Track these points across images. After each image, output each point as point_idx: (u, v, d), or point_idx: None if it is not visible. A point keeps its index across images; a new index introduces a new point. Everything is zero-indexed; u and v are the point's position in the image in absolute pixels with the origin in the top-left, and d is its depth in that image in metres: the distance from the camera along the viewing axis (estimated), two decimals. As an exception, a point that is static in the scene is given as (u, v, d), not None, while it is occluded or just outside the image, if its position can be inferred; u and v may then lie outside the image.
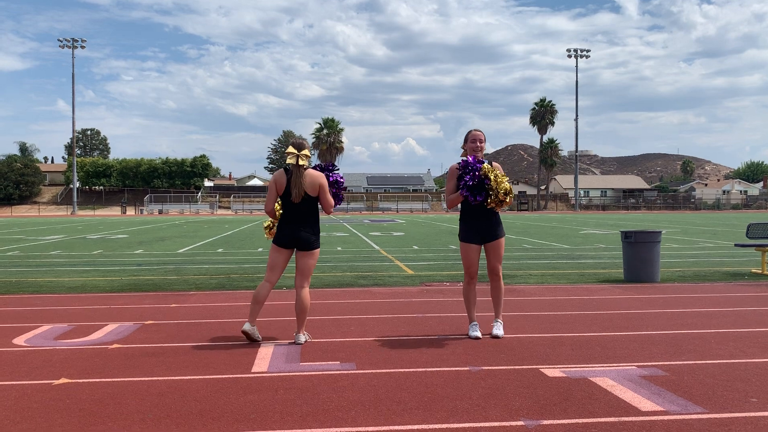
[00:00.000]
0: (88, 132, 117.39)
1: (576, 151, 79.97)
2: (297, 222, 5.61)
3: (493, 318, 6.08)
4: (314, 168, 5.96)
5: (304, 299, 5.65)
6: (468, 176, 5.61)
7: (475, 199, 5.62)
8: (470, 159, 5.70)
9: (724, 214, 55.69)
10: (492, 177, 5.60)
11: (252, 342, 5.64)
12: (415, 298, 8.30)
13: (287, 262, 5.74)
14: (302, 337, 5.66)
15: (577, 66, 76.70)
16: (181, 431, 3.53)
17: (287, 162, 5.64)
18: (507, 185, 5.64)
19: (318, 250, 5.74)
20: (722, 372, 4.65)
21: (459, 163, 5.79)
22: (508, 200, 5.64)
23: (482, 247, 5.91)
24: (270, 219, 6.10)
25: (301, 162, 5.60)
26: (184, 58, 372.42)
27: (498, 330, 5.87)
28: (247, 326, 5.61)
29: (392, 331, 6.12)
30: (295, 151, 5.62)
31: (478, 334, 5.82)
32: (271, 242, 5.76)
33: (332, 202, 5.83)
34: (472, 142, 5.82)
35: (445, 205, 75.93)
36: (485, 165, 5.65)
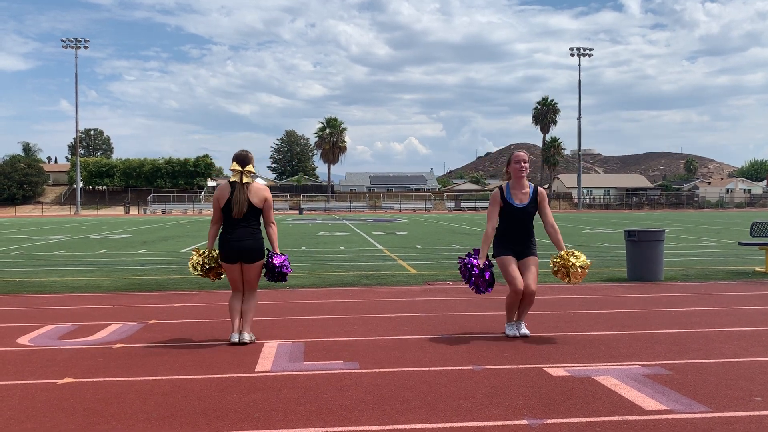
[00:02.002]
0: (92, 132, 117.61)
1: (579, 150, 79.81)
2: (239, 233, 5.52)
3: (516, 318, 5.94)
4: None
5: (251, 302, 5.64)
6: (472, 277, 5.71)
7: (486, 290, 5.75)
8: (471, 261, 5.75)
9: (728, 213, 55.56)
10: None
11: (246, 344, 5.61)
12: (418, 297, 8.30)
13: (241, 274, 5.65)
14: (247, 336, 5.60)
15: (579, 65, 76.54)
16: (185, 430, 3.54)
17: (231, 180, 5.55)
18: (579, 261, 5.72)
19: (262, 261, 5.66)
20: (726, 371, 4.64)
21: (500, 188, 5.84)
22: (580, 272, 5.73)
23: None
24: (196, 254, 5.87)
25: (245, 179, 5.52)
26: (186, 58, 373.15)
27: (524, 330, 5.83)
28: (234, 337, 5.57)
29: (395, 331, 6.12)
30: (239, 168, 5.54)
31: (516, 332, 5.80)
32: (220, 260, 5.65)
33: (273, 220, 5.74)
34: (515, 163, 5.74)
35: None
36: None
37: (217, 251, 5.77)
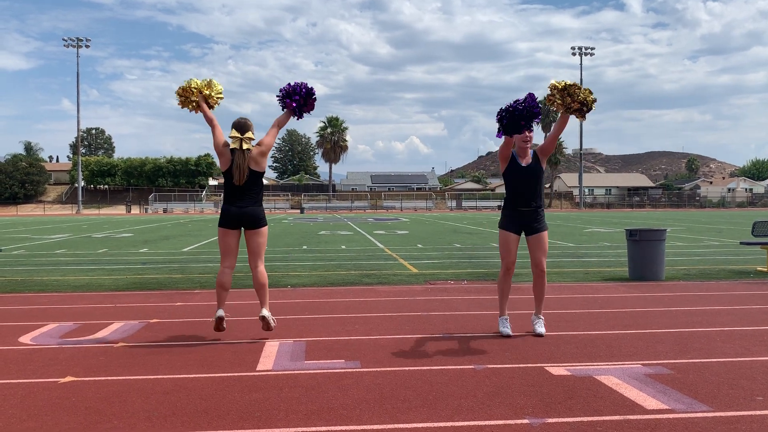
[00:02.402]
0: (93, 131, 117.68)
1: (581, 149, 79.78)
2: (241, 201, 5.50)
3: (533, 314, 5.98)
4: (281, 95, 5.74)
5: (261, 276, 5.60)
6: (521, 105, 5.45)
7: (527, 125, 5.48)
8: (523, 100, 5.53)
9: (729, 212, 55.51)
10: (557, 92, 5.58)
11: (220, 330, 5.62)
12: (419, 296, 8.30)
13: (238, 244, 5.65)
14: (266, 312, 5.59)
15: (581, 64, 76.48)
16: (187, 429, 3.54)
17: (230, 147, 5.49)
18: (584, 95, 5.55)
19: (266, 227, 5.63)
20: (728, 370, 4.63)
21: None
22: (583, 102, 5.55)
23: (520, 239, 5.85)
24: (190, 84, 5.81)
25: (245, 146, 5.46)
26: (187, 57, 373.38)
27: (540, 328, 5.82)
28: (220, 312, 5.57)
29: (397, 330, 6.12)
30: (239, 135, 5.48)
31: (509, 331, 5.78)
32: (218, 226, 5.63)
33: (283, 121, 5.72)
34: (521, 139, 5.79)
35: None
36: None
37: (219, 86, 5.75)
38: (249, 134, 5.52)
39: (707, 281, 9.66)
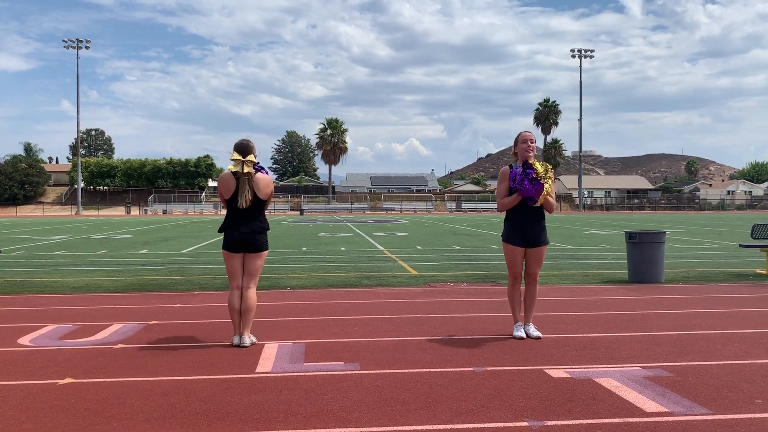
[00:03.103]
0: (93, 132, 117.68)
1: (580, 151, 79.81)
2: (244, 226, 5.49)
3: (524, 321, 5.96)
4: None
5: (251, 299, 5.56)
6: (525, 180, 5.58)
7: (533, 200, 5.62)
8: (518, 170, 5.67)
9: (729, 215, 55.54)
10: (542, 172, 5.59)
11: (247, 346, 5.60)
12: (418, 298, 8.30)
13: (243, 264, 5.65)
14: (247, 340, 5.54)
15: (581, 66, 76.56)
16: (186, 431, 3.54)
17: (232, 170, 5.47)
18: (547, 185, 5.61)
19: (266, 251, 5.66)
20: (727, 373, 4.63)
21: (510, 167, 5.78)
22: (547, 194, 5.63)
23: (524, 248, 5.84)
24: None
25: (246, 169, 5.44)
26: (187, 59, 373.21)
27: (535, 332, 5.82)
28: (235, 339, 5.56)
29: (396, 332, 6.12)
30: (240, 157, 5.46)
31: (522, 334, 5.80)
32: (222, 249, 5.64)
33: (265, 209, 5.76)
34: (522, 143, 5.75)
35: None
36: (537, 163, 5.63)
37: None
38: (251, 157, 5.48)
39: (706, 284, 9.67)
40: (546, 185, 5.59)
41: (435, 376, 4.59)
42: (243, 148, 5.50)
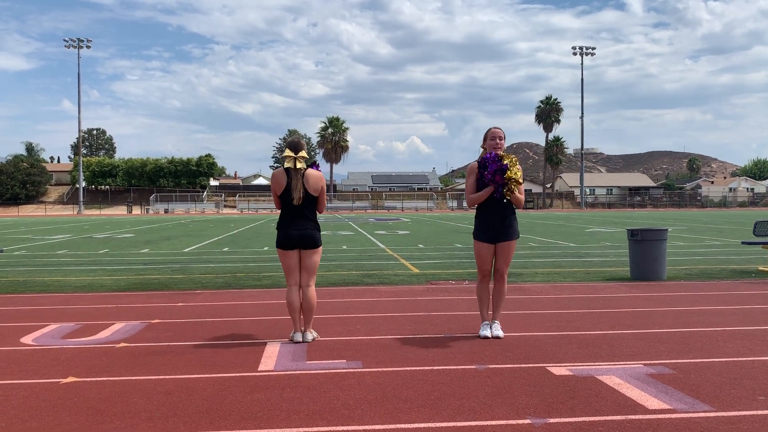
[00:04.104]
0: (94, 131, 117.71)
1: (582, 149, 79.73)
2: (299, 222, 5.55)
3: (491, 319, 5.91)
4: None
5: (311, 298, 5.64)
6: (489, 169, 5.52)
7: (498, 191, 5.55)
8: (489, 155, 5.63)
9: (731, 212, 55.47)
10: (510, 165, 5.54)
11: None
12: (420, 296, 8.30)
13: (299, 261, 5.70)
14: (309, 336, 5.66)
15: (582, 63, 76.45)
16: (188, 429, 3.54)
17: (285, 166, 5.54)
18: (516, 173, 5.55)
19: (321, 247, 5.73)
20: (730, 370, 4.63)
21: (478, 161, 5.75)
22: (513, 187, 5.56)
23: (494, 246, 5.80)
24: None
25: (299, 165, 5.51)
26: (188, 58, 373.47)
27: (497, 331, 5.78)
28: (297, 336, 5.60)
29: (398, 330, 6.12)
30: (292, 154, 5.51)
31: (489, 333, 5.77)
32: (276, 247, 5.69)
33: (325, 203, 5.81)
34: (491, 139, 5.75)
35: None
36: (504, 155, 5.59)
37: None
38: (302, 153, 5.56)
39: (709, 281, 9.66)
40: (513, 175, 5.51)
41: (437, 373, 4.59)
42: (295, 145, 5.58)
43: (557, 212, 60.24)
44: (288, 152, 5.54)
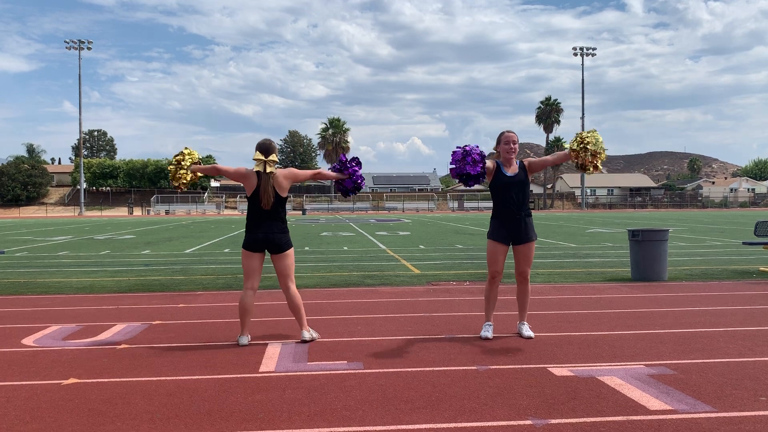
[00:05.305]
0: (95, 133, 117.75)
1: (582, 149, 79.56)
2: (265, 224, 5.47)
3: (518, 320, 5.97)
4: (332, 169, 5.93)
5: (294, 298, 5.58)
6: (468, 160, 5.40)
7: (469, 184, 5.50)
8: (469, 147, 5.50)
9: (732, 212, 55.44)
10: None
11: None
12: (421, 297, 8.30)
13: (262, 265, 5.65)
14: (307, 334, 5.62)
15: (582, 64, 76.52)
16: (190, 431, 3.54)
17: (254, 169, 5.44)
18: None
19: (292, 249, 5.62)
20: (731, 371, 4.63)
21: (491, 160, 5.75)
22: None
23: (509, 248, 5.81)
24: (185, 153, 5.72)
25: (269, 169, 5.42)
26: (188, 59, 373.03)
27: (528, 332, 5.80)
28: (243, 340, 5.56)
29: (399, 331, 6.12)
30: (262, 157, 5.42)
31: (490, 335, 5.77)
32: (242, 248, 5.61)
33: (331, 175, 5.78)
34: (505, 143, 5.74)
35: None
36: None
37: (197, 156, 5.72)
38: (273, 156, 5.47)
39: (710, 281, 9.65)
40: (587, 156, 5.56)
41: (438, 374, 4.59)
42: (266, 148, 5.48)
43: (558, 213, 60.22)
44: (258, 155, 5.43)
